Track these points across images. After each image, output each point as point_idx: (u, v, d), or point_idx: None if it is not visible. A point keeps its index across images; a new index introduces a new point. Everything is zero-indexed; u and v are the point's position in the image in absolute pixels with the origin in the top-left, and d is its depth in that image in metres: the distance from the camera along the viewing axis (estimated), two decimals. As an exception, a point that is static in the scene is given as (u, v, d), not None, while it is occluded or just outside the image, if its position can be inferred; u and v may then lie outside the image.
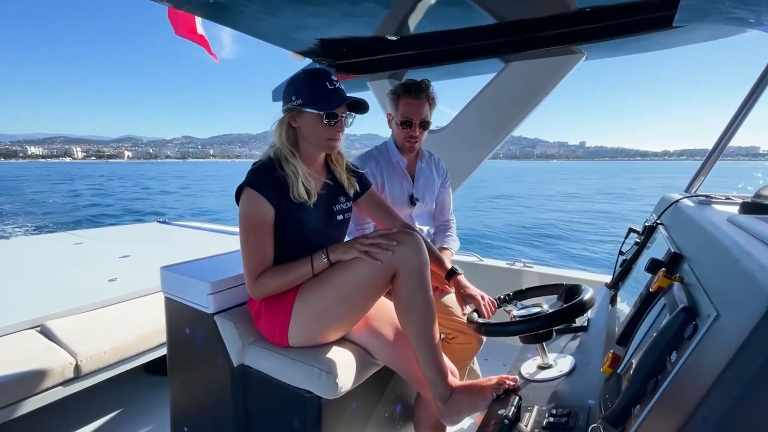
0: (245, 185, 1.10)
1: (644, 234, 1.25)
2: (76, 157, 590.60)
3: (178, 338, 1.40)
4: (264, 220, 1.10)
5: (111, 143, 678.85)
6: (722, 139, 1.50)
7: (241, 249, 1.12)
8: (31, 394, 1.46)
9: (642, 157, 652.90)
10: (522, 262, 2.55)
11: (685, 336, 0.53)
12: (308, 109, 1.11)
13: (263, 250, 1.11)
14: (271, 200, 1.10)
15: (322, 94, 1.11)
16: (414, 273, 1.07)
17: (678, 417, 0.45)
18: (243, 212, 1.11)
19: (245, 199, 1.10)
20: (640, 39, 1.72)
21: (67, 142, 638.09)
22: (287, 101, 1.15)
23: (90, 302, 1.93)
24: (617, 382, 0.70)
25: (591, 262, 10.35)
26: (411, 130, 1.54)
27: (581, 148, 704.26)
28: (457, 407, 1.06)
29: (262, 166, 1.13)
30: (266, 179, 1.10)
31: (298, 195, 1.11)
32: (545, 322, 0.97)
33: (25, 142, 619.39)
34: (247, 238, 1.10)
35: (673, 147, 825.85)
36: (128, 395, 1.96)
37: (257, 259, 1.10)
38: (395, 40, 2.00)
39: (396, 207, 1.62)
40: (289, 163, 1.13)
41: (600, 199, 29.37)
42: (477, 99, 2.43)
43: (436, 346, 1.09)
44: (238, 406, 1.22)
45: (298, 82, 1.14)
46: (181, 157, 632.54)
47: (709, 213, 0.93)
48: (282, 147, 1.15)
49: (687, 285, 0.66)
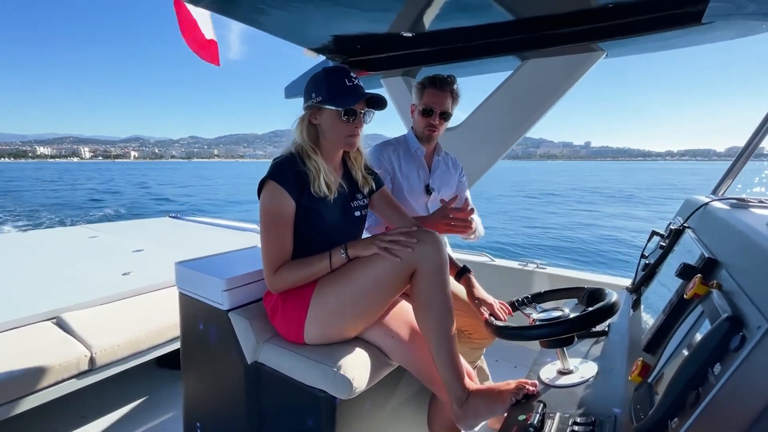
0: (268, 178, 1.12)
1: (669, 237, 1.21)
2: (84, 157, 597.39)
3: (191, 334, 1.40)
4: (285, 214, 1.11)
5: (119, 143, 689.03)
6: (753, 139, 1.45)
7: (261, 241, 1.13)
8: (47, 385, 1.48)
9: (644, 158, 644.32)
10: (535, 264, 2.51)
11: (731, 347, 0.50)
12: (327, 106, 1.13)
13: (283, 243, 1.12)
14: (293, 194, 1.11)
15: (341, 92, 1.12)
16: (433, 272, 1.06)
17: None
18: (265, 205, 1.12)
19: (268, 192, 1.12)
20: (665, 36, 1.67)
21: (76, 142, 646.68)
22: (308, 99, 1.16)
23: (104, 295, 1.95)
24: (649, 392, 0.67)
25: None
26: (431, 118, 1.59)
27: (585, 148, 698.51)
28: (474, 411, 1.03)
29: (285, 160, 1.14)
30: (289, 173, 1.12)
31: (319, 190, 1.13)
32: (569, 327, 0.95)
33: (35, 142, 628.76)
34: (267, 231, 1.11)
35: (677, 147, 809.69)
36: (141, 389, 1.97)
37: (277, 252, 1.11)
38: (410, 37, 1.97)
39: (412, 195, 1.63)
40: (310, 158, 1.14)
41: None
42: (492, 97, 2.39)
43: (454, 347, 1.07)
44: (252, 403, 1.22)
45: (317, 80, 1.15)
46: (186, 157, 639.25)
47: (746, 217, 0.89)
48: (303, 143, 1.16)
49: (728, 293, 0.63)
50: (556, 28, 1.80)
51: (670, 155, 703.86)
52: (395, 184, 1.61)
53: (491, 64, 2.45)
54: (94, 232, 3.40)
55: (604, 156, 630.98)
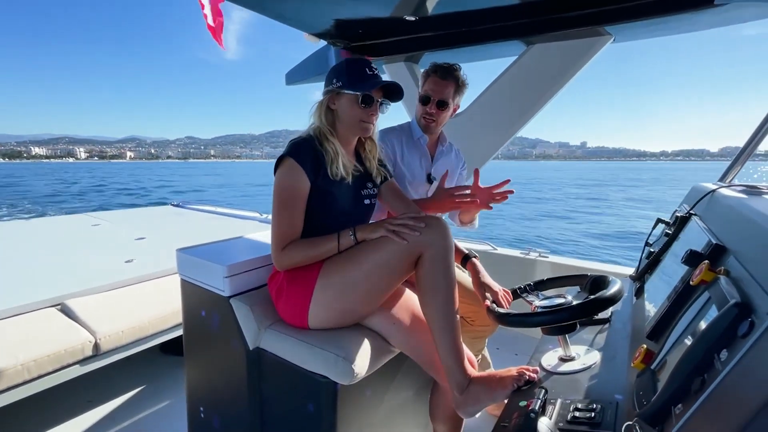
0: (286, 155, 1.13)
1: (675, 225, 1.19)
2: (79, 158, 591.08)
3: (193, 320, 1.41)
4: (300, 192, 1.13)
5: (115, 144, 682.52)
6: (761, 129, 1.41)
7: (272, 218, 1.15)
8: (52, 371, 1.50)
9: (639, 158, 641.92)
10: (537, 252, 2.50)
11: (739, 334, 0.49)
12: (346, 91, 1.16)
13: (294, 221, 1.13)
14: (310, 174, 1.12)
15: (360, 79, 1.16)
16: (439, 257, 1.06)
17: (732, 420, 0.42)
18: (280, 182, 1.13)
19: (284, 169, 1.13)
20: (676, 19, 1.62)
21: (72, 143, 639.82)
22: (328, 84, 1.20)
23: (108, 282, 1.96)
24: (652, 379, 0.66)
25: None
26: (427, 106, 1.56)
27: (581, 148, 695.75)
28: (474, 397, 1.04)
29: (303, 141, 1.16)
30: (306, 153, 1.13)
31: (337, 171, 1.15)
32: (572, 314, 0.94)
33: (31, 142, 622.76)
34: (279, 208, 1.13)
35: (671, 147, 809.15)
36: (145, 374, 2.00)
37: (287, 230, 1.13)
38: (412, 21, 1.93)
39: (414, 183, 1.61)
40: (328, 140, 1.17)
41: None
42: (497, 83, 2.35)
43: (457, 333, 1.07)
44: (254, 388, 1.23)
45: (339, 67, 1.20)
46: (182, 158, 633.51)
47: (756, 204, 0.87)
48: (322, 126, 1.19)
49: (735, 279, 0.62)
50: (562, 11, 1.75)
51: (664, 155, 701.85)
52: (396, 171, 1.59)
53: (496, 50, 2.39)
54: (96, 220, 3.41)
55: (599, 156, 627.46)
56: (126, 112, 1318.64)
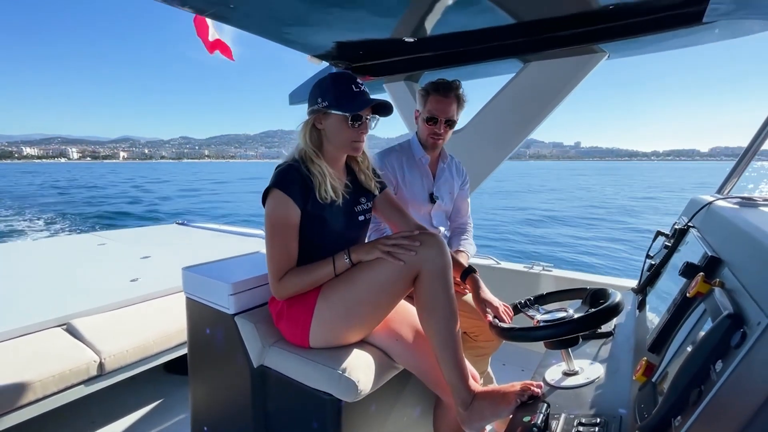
0: (273, 187, 1.11)
1: (674, 237, 1.20)
2: (72, 158, 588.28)
3: (198, 338, 1.42)
4: (291, 222, 1.11)
5: (108, 144, 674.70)
6: (757, 138, 1.43)
7: (267, 249, 1.13)
8: (57, 391, 1.50)
9: (630, 158, 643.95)
10: (540, 266, 2.49)
11: (732, 344, 0.50)
12: (334, 111, 1.12)
13: (288, 251, 1.12)
14: (298, 201, 1.11)
15: (348, 97, 1.12)
16: (437, 274, 1.05)
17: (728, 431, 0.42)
18: (270, 214, 1.11)
19: (273, 201, 1.11)
20: (667, 36, 1.67)
21: (64, 143, 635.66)
22: (313, 103, 1.16)
23: (113, 301, 1.97)
24: (653, 391, 0.67)
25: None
26: (436, 126, 1.57)
27: (575, 149, 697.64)
28: (479, 413, 1.03)
29: (289, 167, 1.13)
30: (293, 180, 1.11)
31: (326, 194, 1.12)
32: (573, 327, 0.94)
33: (23, 142, 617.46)
34: (272, 239, 1.11)
35: (663, 147, 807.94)
36: (149, 394, 1.99)
37: (282, 260, 1.11)
38: (412, 42, 1.99)
39: (415, 204, 1.61)
40: (314, 163, 1.14)
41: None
42: (495, 100, 2.40)
43: (459, 349, 1.07)
44: (258, 406, 1.23)
45: (324, 85, 1.15)
46: (176, 158, 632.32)
47: (750, 216, 0.89)
48: (306, 148, 1.16)
49: (729, 290, 0.63)
50: (557, 30, 1.81)
51: (656, 155, 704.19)
52: (398, 193, 1.59)
53: (493, 68, 2.46)
54: (102, 239, 3.44)
55: (592, 156, 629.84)
56: (120, 113, 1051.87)
